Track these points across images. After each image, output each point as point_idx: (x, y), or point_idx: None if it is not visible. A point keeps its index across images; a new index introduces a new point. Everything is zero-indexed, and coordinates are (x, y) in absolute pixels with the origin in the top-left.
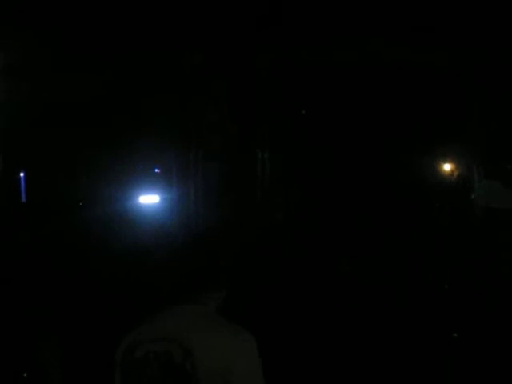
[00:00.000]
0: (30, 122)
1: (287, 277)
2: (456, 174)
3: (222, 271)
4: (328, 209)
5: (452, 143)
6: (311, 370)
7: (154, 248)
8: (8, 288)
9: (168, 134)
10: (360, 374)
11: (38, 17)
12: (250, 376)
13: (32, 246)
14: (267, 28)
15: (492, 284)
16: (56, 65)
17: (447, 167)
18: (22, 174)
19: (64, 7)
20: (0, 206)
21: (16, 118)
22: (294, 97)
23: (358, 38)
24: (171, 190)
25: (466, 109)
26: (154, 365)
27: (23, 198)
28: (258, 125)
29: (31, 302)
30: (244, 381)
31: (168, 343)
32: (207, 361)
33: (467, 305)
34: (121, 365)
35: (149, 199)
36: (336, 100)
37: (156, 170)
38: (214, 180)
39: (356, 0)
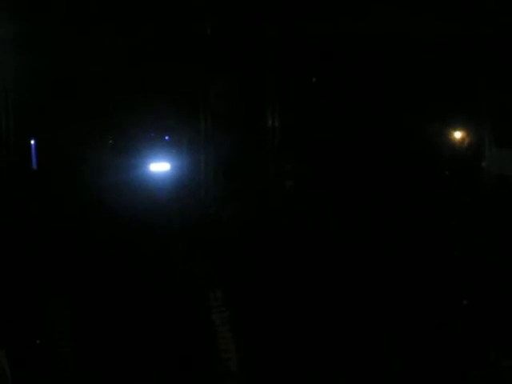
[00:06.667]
0: (42, 90)
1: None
2: (466, 141)
3: None
4: (339, 177)
5: (462, 110)
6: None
7: (165, 216)
8: (18, 254)
9: (178, 103)
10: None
11: None
12: None
13: (43, 213)
14: None
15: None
16: (66, 32)
17: (458, 135)
18: (32, 142)
19: None
20: (11, 172)
21: (28, 85)
22: (304, 64)
23: (371, 6)
24: (182, 157)
25: (477, 75)
26: None
27: (34, 165)
28: (268, 92)
29: (39, 269)
30: None
31: None
32: None
33: (477, 277)
34: None
35: (159, 167)
36: (348, 67)
37: (166, 138)
38: (224, 148)
39: None
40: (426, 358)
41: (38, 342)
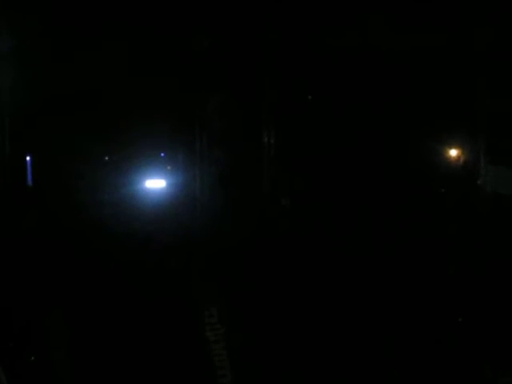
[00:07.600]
0: (37, 106)
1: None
2: (462, 159)
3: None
4: (334, 194)
5: (458, 128)
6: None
7: (160, 232)
8: (13, 271)
9: (174, 120)
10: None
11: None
12: None
13: (37, 228)
14: (274, 10)
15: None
16: (63, 48)
17: (453, 153)
18: (28, 158)
19: None
20: (6, 189)
21: (23, 101)
22: (300, 82)
23: (366, 22)
24: (177, 175)
25: (473, 94)
26: None
27: (29, 182)
28: (264, 110)
29: (37, 285)
30: None
31: None
32: None
33: (473, 293)
34: None
35: (155, 184)
36: (342, 85)
37: (162, 155)
38: (220, 165)
39: None
40: (424, 374)
41: (32, 358)
